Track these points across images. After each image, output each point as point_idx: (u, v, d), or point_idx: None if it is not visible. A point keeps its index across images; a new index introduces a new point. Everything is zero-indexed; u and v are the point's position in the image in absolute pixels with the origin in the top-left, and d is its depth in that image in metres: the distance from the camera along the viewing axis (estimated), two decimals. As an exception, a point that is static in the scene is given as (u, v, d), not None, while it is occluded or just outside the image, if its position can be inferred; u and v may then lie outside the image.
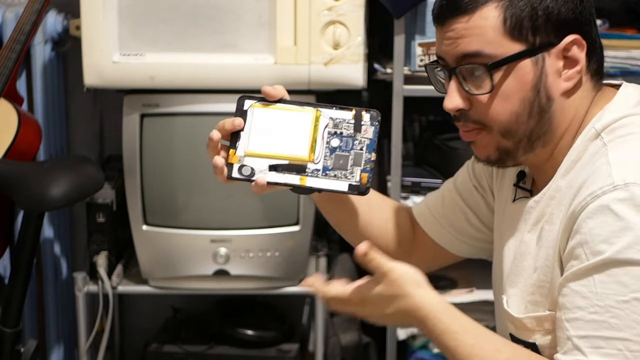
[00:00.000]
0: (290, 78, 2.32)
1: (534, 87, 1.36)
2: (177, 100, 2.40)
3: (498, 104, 1.36)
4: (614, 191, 1.27)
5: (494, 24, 1.34)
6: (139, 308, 2.93)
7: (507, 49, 1.34)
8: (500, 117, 1.37)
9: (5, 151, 2.32)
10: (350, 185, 1.36)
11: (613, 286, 1.24)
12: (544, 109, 1.37)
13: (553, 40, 1.35)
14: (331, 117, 1.37)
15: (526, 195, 1.49)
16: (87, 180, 2.28)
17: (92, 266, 2.51)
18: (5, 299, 2.21)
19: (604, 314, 1.25)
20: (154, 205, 2.45)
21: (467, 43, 1.35)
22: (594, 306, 1.25)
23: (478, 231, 1.67)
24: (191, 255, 2.47)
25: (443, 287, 2.57)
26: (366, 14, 2.33)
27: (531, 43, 1.35)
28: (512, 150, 1.40)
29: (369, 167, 1.36)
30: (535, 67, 1.35)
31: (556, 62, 1.37)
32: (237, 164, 1.37)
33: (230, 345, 2.60)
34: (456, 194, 1.68)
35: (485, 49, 1.35)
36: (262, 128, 1.38)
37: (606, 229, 1.26)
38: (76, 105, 2.80)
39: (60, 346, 2.76)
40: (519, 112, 1.36)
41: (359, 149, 1.36)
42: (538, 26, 1.34)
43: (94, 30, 2.32)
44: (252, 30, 2.32)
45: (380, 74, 2.47)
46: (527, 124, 1.37)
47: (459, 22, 1.36)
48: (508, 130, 1.38)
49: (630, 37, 2.40)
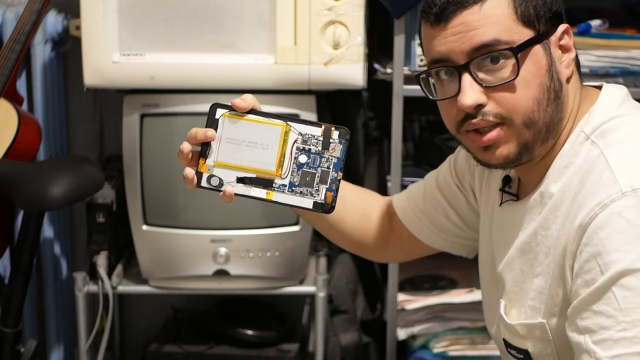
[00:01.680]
0: (290, 78, 2.32)
1: (548, 71, 1.37)
2: (177, 100, 2.40)
3: (520, 92, 1.35)
4: (623, 198, 1.25)
5: (507, 11, 1.35)
6: (139, 308, 2.93)
7: (521, 35, 1.35)
8: (524, 104, 1.35)
9: (5, 151, 2.32)
10: (314, 203, 1.36)
11: (636, 299, 1.21)
12: (558, 95, 1.38)
13: (551, 29, 1.38)
14: (300, 132, 1.35)
15: (512, 199, 1.48)
16: (87, 180, 2.28)
17: (92, 266, 2.51)
18: (5, 299, 2.21)
19: (632, 329, 1.21)
20: (154, 205, 2.45)
21: (481, 33, 1.34)
22: (620, 323, 1.21)
23: (457, 228, 1.67)
24: (191, 255, 2.47)
25: (443, 287, 2.57)
26: (366, 14, 2.33)
27: (537, 30, 1.36)
28: (531, 142, 1.38)
29: (335, 186, 1.35)
30: (545, 53, 1.37)
31: (555, 50, 1.39)
32: (207, 173, 1.37)
33: (230, 345, 2.60)
34: (437, 190, 1.68)
35: (503, 37, 1.34)
36: (232, 139, 1.36)
37: (619, 237, 1.23)
38: (76, 105, 2.80)
39: (60, 346, 2.76)
40: (540, 98, 1.36)
41: (325, 167, 1.35)
42: (540, 15, 1.37)
43: (94, 30, 2.32)
44: (252, 30, 2.32)
45: (380, 74, 2.47)
46: (547, 110, 1.37)
47: (470, 14, 1.35)
48: (530, 119, 1.36)
49: (630, 37, 2.40)
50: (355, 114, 2.65)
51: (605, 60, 2.35)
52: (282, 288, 2.52)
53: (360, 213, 1.71)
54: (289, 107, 2.38)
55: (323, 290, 2.50)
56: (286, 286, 2.52)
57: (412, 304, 2.51)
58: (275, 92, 2.36)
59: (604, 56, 2.35)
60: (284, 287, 2.52)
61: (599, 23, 2.39)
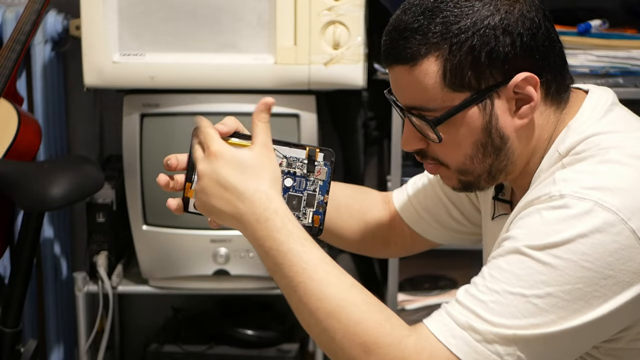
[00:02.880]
0: (290, 78, 2.32)
1: (484, 130, 1.33)
2: (177, 100, 2.40)
3: (450, 150, 1.35)
4: (549, 201, 1.26)
5: (433, 80, 1.31)
6: (139, 308, 2.93)
7: (449, 102, 1.31)
8: (455, 160, 1.36)
9: (5, 151, 2.32)
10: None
11: (507, 275, 1.23)
12: (499, 148, 1.35)
13: (501, 81, 1.31)
14: (285, 155, 1.33)
15: (507, 209, 1.48)
16: (87, 180, 2.28)
17: (92, 266, 2.51)
18: (5, 299, 2.21)
19: (487, 294, 1.23)
20: (154, 205, 2.45)
21: (409, 96, 1.34)
22: (484, 285, 1.24)
23: (460, 224, 1.67)
24: (191, 255, 2.47)
25: (443, 287, 2.57)
26: (366, 14, 2.33)
27: (476, 89, 1.31)
28: (474, 182, 1.39)
29: (322, 209, 1.33)
30: (483, 112, 1.32)
31: (506, 101, 1.33)
32: (193, 199, 1.34)
33: (230, 345, 2.60)
34: (439, 187, 1.67)
35: (428, 105, 1.32)
36: None
37: (530, 226, 1.25)
38: (76, 105, 2.80)
39: (60, 346, 2.76)
40: (473, 155, 1.35)
41: (312, 190, 1.33)
42: (482, 71, 1.30)
43: (94, 30, 2.32)
44: (252, 30, 2.32)
45: (380, 74, 2.47)
46: (484, 162, 1.36)
47: (401, 72, 1.34)
48: (464, 170, 1.37)
49: (630, 37, 2.40)
50: (355, 114, 2.65)
51: (605, 60, 2.35)
52: (282, 288, 2.52)
53: (356, 217, 1.70)
54: (289, 107, 2.38)
55: (323, 290, 2.50)
56: (286, 286, 2.52)
57: (412, 304, 2.51)
58: (275, 92, 2.36)
59: (604, 56, 2.35)
60: (284, 287, 2.52)
61: (599, 23, 2.39)
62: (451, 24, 1.30)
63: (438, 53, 1.30)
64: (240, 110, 2.39)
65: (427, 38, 1.31)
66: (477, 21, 1.30)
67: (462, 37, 1.29)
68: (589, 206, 1.23)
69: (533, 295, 1.22)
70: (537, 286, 1.22)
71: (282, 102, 2.37)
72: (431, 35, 1.30)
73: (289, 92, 2.38)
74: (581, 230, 1.22)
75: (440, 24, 1.30)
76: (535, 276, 1.22)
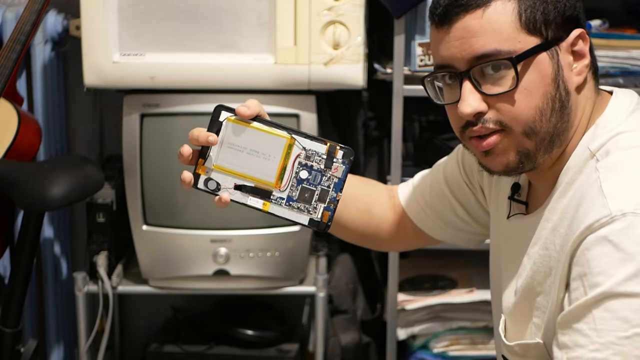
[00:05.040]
0: (290, 78, 2.32)
1: (554, 80, 1.33)
2: (177, 100, 2.40)
3: (522, 101, 1.33)
4: (612, 223, 1.24)
5: (510, 18, 1.32)
6: (139, 308, 2.93)
7: (524, 44, 1.32)
8: (525, 114, 1.33)
9: (5, 151, 2.32)
10: (310, 220, 1.34)
11: (614, 322, 1.21)
12: (564, 104, 1.35)
13: (562, 35, 1.35)
14: (304, 147, 1.33)
15: (521, 210, 1.47)
16: (87, 180, 2.28)
17: (92, 266, 2.51)
18: (5, 299, 2.21)
19: (604, 350, 1.21)
20: (154, 205, 2.45)
21: (482, 42, 1.32)
22: (594, 343, 1.22)
23: (465, 223, 1.67)
24: (191, 255, 2.47)
25: (443, 287, 2.57)
26: (366, 14, 2.33)
27: (544, 37, 1.33)
28: (533, 152, 1.36)
29: (333, 206, 1.33)
30: (552, 61, 1.34)
31: (567, 56, 1.36)
32: (204, 176, 1.35)
33: (230, 345, 2.60)
34: (445, 186, 1.66)
35: (504, 46, 1.31)
36: (233, 144, 1.34)
37: (604, 260, 1.23)
38: (76, 105, 2.80)
39: (60, 346, 2.76)
40: (543, 108, 1.33)
41: (326, 185, 1.33)
42: (550, 20, 1.33)
43: (94, 30, 2.32)
44: (252, 30, 2.32)
45: (380, 74, 2.47)
46: (550, 120, 1.34)
47: (472, 18, 1.32)
48: (532, 129, 1.34)
49: (630, 37, 2.40)
50: (355, 114, 2.65)
51: (605, 60, 2.35)
52: (282, 288, 2.52)
53: (361, 209, 1.70)
54: (289, 107, 2.38)
55: (323, 290, 2.50)
56: (286, 286, 2.52)
57: (412, 304, 2.51)
58: (275, 92, 2.36)
59: (604, 56, 2.35)
60: (284, 287, 2.52)
61: (599, 23, 2.39)
62: None
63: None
64: (240, 110, 2.39)
65: None
66: None
67: None
68: None
69: None
70: None
71: (282, 102, 2.38)
72: None
73: (289, 92, 2.38)
74: None
75: None
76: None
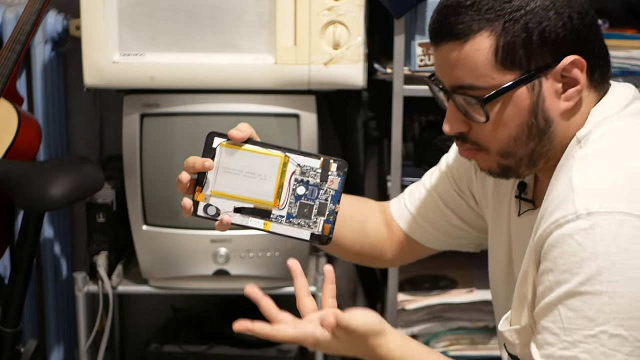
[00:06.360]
0: (290, 78, 2.32)
1: (531, 112, 1.33)
2: (177, 100, 2.40)
3: (495, 131, 1.35)
4: (577, 220, 1.25)
5: (485, 56, 1.31)
6: (139, 308, 2.93)
7: (499, 80, 1.31)
8: (498, 142, 1.35)
9: (5, 151, 2.32)
10: (312, 235, 1.37)
11: (579, 321, 1.24)
12: (543, 131, 1.35)
13: (550, 63, 1.32)
14: (299, 164, 1.36)
15: (529, 205, 1.47)
16: (87, 180, 2.28)
17: (92, 266, 2.51)
18: (5, 299, 2.21)
19: (572, 349, 1.24)
20: (154, 205, 2.45)
21: (459, 75, 1.33)
22: (562, 342, 1.25)
23: (462, 231, 1.67)
24: (191, 255, 2.47)
25: (443, 287, 2.57)
26: (366, 14, 2.33)
27: (526, 69, 1.31)
28: (513, 167, 1.38)
29: (332, 218, 1.36)
30: (531, 93, 1.32)
31: (554, 83, 1.33)
32: (203, 202, 1.37)
33: (230, 345, 2.60)
34: (437, 197, 1.67)
35: (478, 82, 1.32)
36: (229, 168, 1.37)
37: (569, 259, 1.25)
38: (76, 105, 2.80)
39: (60, 346, 2.76)
40: (517, 136, 1.34)
41: (323, 199, 1.36)
42: (533, 51, 1.31)
43: (94, 30, 2.32)
44: (252, 30, 2.32)
45: (380, 74, 2.47)
46: (527, 145, 1.35)
47: (452, 48, 1.33)
48: (506, 152, 1.36)
49: (630, 37, 2.40)
50: (355, 114, 2.65)
51: (605, 61, 2.35)
52: (282, 288, 2.52)
53: (357, 228, 1.71)
54: (289, 107, 2.38)
55: (323, 290, 2.50)
56: (286, 286, 2.52)
57: (412, 304, 2.51)
58: (275, 92, 2.36)
59: (604, 56, 2.35)
60: (284, 287, 2.52)
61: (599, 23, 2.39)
62: (505, 1, 1.30)
63: (491, 29, 1.30)
64: (241, 110, 2.39)
65: (481, 14, 1.31)
66: (530, 0, 1.30)
67: (517, 14, 1.30)
68: (620, 218, 1.23)
69: (613, 327, 1.22)
70: (612, 317, 1.22)
71: (282, 102, 2.38)
72: (485, 11, 1.30)
73: (289, 92, 2.38)
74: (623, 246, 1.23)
75: (494, 0, 1.30)
76: (604, 308, 1.23)
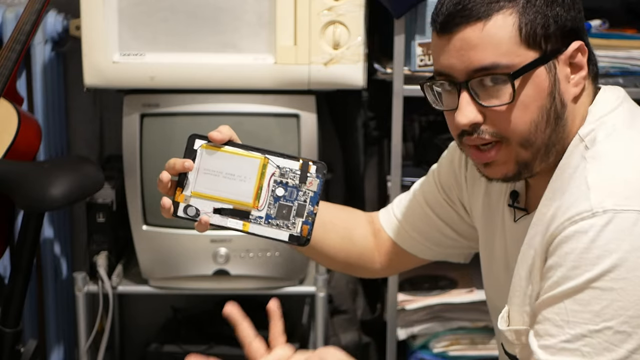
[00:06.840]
0: (290, 78, 2.32)
1: (550, 94, 1.34)
2: (177, 100, 2.40)
3: (517, 114, 1.34)
4: (593, 218, 1.26)
5: (510, 33, 1.32)
6: (139, 308, 2.93)
7: (523, 58, 1.32)
8: (520, 127, 1.34)
9: (5, 151, 2.32)
10: (290, 236, 1.39)
11: (585, 315, 1.25)
12: (559, 116, 1.36)
13: (561, 47, 1.35)
14: (278, 165, 1.38)
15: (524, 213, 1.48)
16: (87, 180, 2.28)
17: (92, 266, 2.51)
18: (5, 299, 2.21)
19: (575, 342, 1.25)
20: (154, 205, 2.45)
21: (481, 55, 1.32)
22: (566, 334, 1.26)
23: (453, 240, 1.68)
24: (191, 255, 2.47)
25: (443, 287, 2.57)
26: (366, 14, 2.33)
27: (543, 50, 1.33)
28: (530, 161, 1.38)
29: (311, 219, 1.38)
30: (549, 74, 1.34)
31: (564, 68, 1.36)
32: (183, 203, 1.39)
33: (230, 345, 2.59)
34: (427, 207, 1.67)
35: (502, 60, 1.32)
36: (209, 170, 1.39)
37: (580, 255, 1.26)
38: (76, 105, 2.80)
39: (60, 346, 2.77)
40: (538, 121, 1.34)
41: (302, 200, 1.37)
42: (550, 34, 1.33)
43: (94, 30, 2.32)
44: (252, 30, 2.32)
45: (380, 74, 2.47)
46: (545, 132, 1.35)
47: (472, 30, 1.32)
48: (527, 140, 1.35)
49: (630, 37, 2.40)
50: (355, 114, 2.65)
51: (605, 60, 2.35)
52: (282, 288, 2.52)
53: (340, 234, 1.71)
54: (289, 107, 2.38)
55: (323, 290, 2.50)
56: (286, 286, 2.52)
57: (412, 304, 2.51)
58: (275, 92, 2.37)
59: (604, 56, 2.35)
60: (284, 287, 2.52)
61: (599, 23, 2.39)
62: None
63: (513, 8, 1.32)
64: (240, 110, 2.39)
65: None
66: None
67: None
68: (635, 217, 1.25)
69: (618, 324, 1.24)
70: (619, 313, 1.24)
71: (282, 102, 2.38)
72: None
73: (289, 92, 2.38)
74: (636, 244, 1.24)
75: None
76: (612, 305, 1.24)
